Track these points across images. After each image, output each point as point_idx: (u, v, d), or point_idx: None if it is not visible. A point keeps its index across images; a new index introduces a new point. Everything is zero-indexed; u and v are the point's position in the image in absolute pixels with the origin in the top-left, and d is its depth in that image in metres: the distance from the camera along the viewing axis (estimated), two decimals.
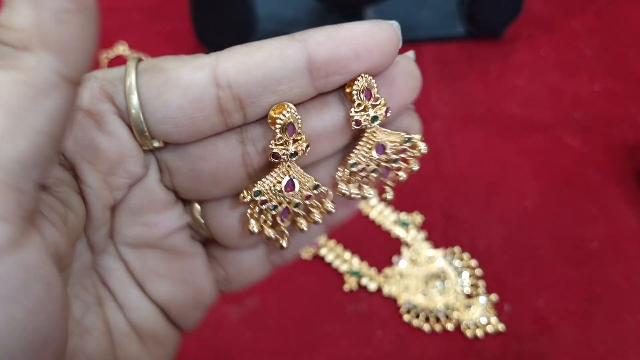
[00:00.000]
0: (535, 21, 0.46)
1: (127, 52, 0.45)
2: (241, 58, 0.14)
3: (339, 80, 0.14)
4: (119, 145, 0.14)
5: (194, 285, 0.17)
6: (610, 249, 0.32)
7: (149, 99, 0.13)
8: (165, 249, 0.16)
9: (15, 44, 0.10)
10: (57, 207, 0.13)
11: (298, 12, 0.46)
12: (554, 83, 0.42)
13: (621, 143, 0.38)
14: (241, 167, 0.15)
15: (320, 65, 0.14)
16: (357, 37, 0.14)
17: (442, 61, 0.43)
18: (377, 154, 0.16)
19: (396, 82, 0.15)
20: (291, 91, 0.14)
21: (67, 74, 0.11)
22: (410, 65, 0.15)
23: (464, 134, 0.39)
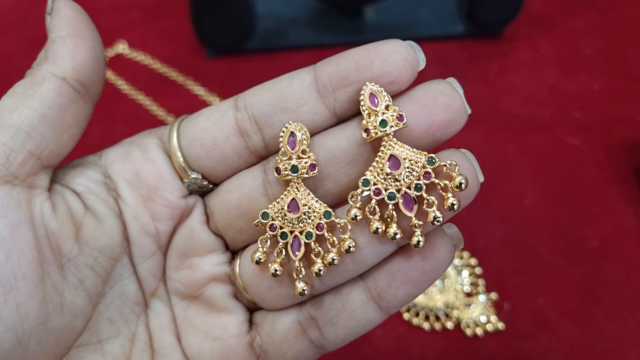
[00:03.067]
0: (535, 20, 0.46)
1: (127, 50, 0.46)
2: (257, 87, 0.16)
3: (346, 94, 0.15)
4: (156, 171, 0.16)
5: (223, 344, 0.17)
6: (609, 248, 0.32)
7: (184, 130, 0.16)
8: (205, 301, 0.17)
9: (35, 64, 0.16)
10: (74, 205, 0.15)
11: (298, 11, 0.46)
12: (554, 82, 0.42)
13: (621, 142, 0.38)
14: (263, 196, 0.16)
15: (324, 80, 0.15)
16: (357, 51, 0.15)
17: (442, 60, 0.43)
18: (391, 169, 0.14)
19: (420, 99, 0.15)
20: (300, 108, 0.15)
21: (57, 72, 0.15)
22: (441, 85, 0.15)
23: (463, 133, 0.39)
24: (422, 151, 0.14)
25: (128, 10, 0.49)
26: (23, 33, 0.48)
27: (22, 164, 0.14)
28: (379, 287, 0.15)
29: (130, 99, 0.42)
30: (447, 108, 0.15)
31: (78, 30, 0.15)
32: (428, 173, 0.14)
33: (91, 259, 0.15)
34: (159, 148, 0.16)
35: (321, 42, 0.44)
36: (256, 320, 0.17)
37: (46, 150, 0.15)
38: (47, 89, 0.15)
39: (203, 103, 0.42)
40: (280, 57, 0.44)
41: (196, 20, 0.41)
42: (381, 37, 0.53)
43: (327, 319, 0.16)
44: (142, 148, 0.16)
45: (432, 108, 0.15)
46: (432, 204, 0.14)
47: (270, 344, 0.16)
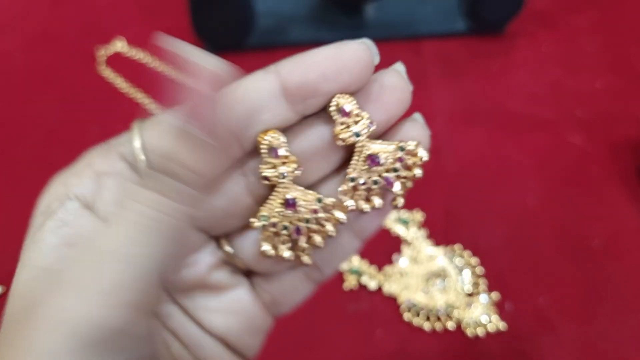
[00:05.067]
0: (537, 17, 0.45)
1: (125, 48, 0.45)
2: (224, 98, 0.15)
3: (316, 103, 0.15)
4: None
5: (245, 314, 0.18)
6: (612, 247, 0.32)
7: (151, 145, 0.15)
8: (210, 287, 0.18)
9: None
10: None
11: (297, 8, 0.46)
12: (556, 80, 0.41)
13: (623, 140, 0.37)
14: (248, 197, 0.17)
15: (293, 91, 0.15)
16: (323, 60, 0.15)
17: (444, 58, 0.43)
18: (372, 166, 0.16)
19: (380, 97, 0.16)
20: (274, 119, 0.15)
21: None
22: (393, 78, 0.16)
23: (465, 131, 0.39)
24: (390, 142, 0.17)
25: (126, 7, 0.48)
26: (21, 30, 0.47)
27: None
28: (362, 226, 0.18)
29: (129, 97, 0.42)
30: (401, 102, 0.16)
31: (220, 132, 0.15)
32: (401, 159, 0.17)
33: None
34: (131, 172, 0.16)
35: (321, 39, 0.44)
36: (259, 282, 0.19)
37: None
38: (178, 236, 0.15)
39: None
40: (280, 54, 0.44)
41: (194, 17, 0.41)
42: (382, 34, 0.52)
43: (325, 261, 0.18)
44: (106, 176, 0.16)
45: (390, 105, 0.16)
46: (404, 176, 0.17)
47: (281, 296, 0.18)
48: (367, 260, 0.32)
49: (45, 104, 0.42)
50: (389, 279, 0.31)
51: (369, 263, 0.32)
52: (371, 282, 0.31)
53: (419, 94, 0.41)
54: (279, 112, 0.15)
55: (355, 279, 0.31)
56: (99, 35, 0.46)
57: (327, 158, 0.17)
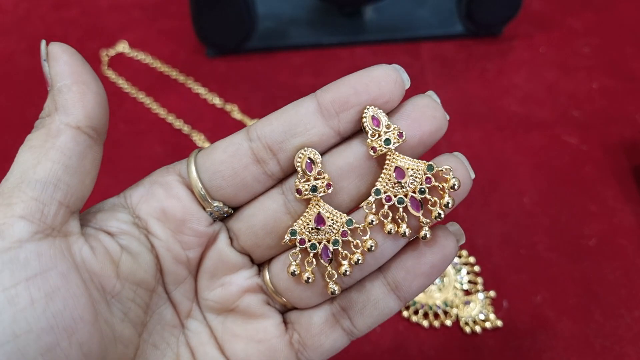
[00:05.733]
0: (534, 19, 0.46)
1: (128, 50, 0.46)
2: (266, 118, 0.17)
3: (348, 116, 0.17)
4: (182, 205, 0.18)
5: (268, 346, 0.19)
6: (608, 246, 0.33)
7: (201, 163, 0.18)
8: (241, 312, 0.19)
9: (44, 115, 0.16)
10: (110, 246, 0.17)
11: (298, 10, 0.46)
12: (553, 81, 0.42)
13: (619, 141, 0.38)
14: (286, 214, 0.18)
15: (327, 106, 0.17)
16: (353, 78, 0.17)
17: (441, 59, 0.43)
18: (397, 179, 0.17)
19: (411, 114, 0.17)
20: (309, 131, 0.17)
21: (70, 122, 0.16)
22: (426, 99, 0.17)
23: (462, 132, 0.39)
24: (420, 160, 0.17)
25: (129, 9, 0.49)
26: (24, 32, 0.48)
27: (55, 215, 0.15)
28: (396, 281, 0.18)
29: (131, 98, 0.43)
30: (433, 119, 0.17)
31: (80, 76, 0.16)
32: (429, 178, 0.17)
33: (131, 293, 0.17)
34: (180, 183, 0.18)
35: (321, 42, 0.44)
36: (291, 319, 0.19)
37: (73, 198, 0.16)
38: (64, 139, 0.16)
39: (204, 102, 0.42)
40: (280, 57, 0.44)
41: (196, 21, 0.41)
42: (381, 37, 0.53)
43: (355, 310, 0.18)
44: (165, 186, 0.18)
45: (421, 121, 0.17)
46: (435, 203, 0.17)
47: (309, 337, 0.19)
48: None
49: None
50: None
51: None
52: None
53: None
54: (314, 126, 0.17)
55: None
56: (102, 37, 0.47)
57: (362, 177, 0.17)
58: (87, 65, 0.17)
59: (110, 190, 0.37)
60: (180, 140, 0.40)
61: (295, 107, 0.17)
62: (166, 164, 0.43)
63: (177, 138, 0.40)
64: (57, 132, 0.16)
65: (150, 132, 0.40)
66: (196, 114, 0.41)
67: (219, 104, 0.42)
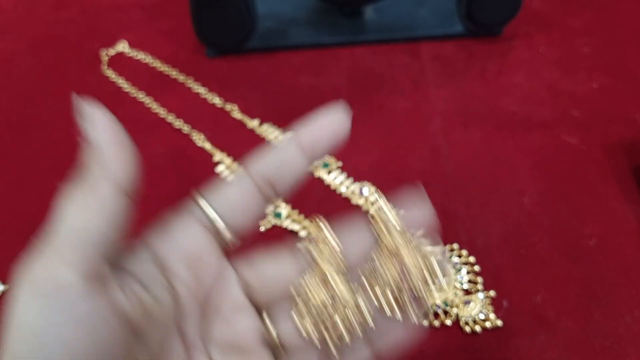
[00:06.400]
0: (534, 19, 0.46)
1: (128, 49, 0.46)
2: (259, 157, 0.20)
3: (320, 149, 0.20)
4: (198, 243, 0.19)
5: None
6: (607, 246, 0.33)
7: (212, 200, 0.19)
8: (241, 349, 0.20)
9: (84, 170, 0.18)
10: (135, 287, 0.18)
11: (298, 10, 0.46)
12: (552, 81, 0.42)
13: (619, 141, 0.38)
14: (295, 273, 0.20)
15: (304, 143, 0.20)
16: (323, 119, 0.20)
17: (441, 59, 0.44)
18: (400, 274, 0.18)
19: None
20: (294, 162, 0.20)
21: (109, 180, 0.17)
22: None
23: (462, 131, 0.39)
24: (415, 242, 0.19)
25: (129, 9, 0.49)
26: (24, 32, 0.48)
27: (98, 265, 0.17)
28: (381, 350, 0.20)
29: (131, 98, 0.43)
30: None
31: (118, 137, 0.18)
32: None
33: (154, 332, 0.18)
34: (195, 221, 0.19)
35: (321, 42, 0.44)
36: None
37: (111, 249, 0.17)
38: (106, 196, 0.17)
39: (203, 102, 0.42)
40: (281, 57, 0.44)
41: (196, 21, 0.41)
42: (381, 36, 0.53)
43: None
44: (180, 225, 0.19)
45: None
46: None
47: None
48: None
49: (49, 104, 0.42)
50: None
51: None
52: None
53: (417, 94, 0.41)
54: (296, 159, 0.20)
55: None
56: (101, 37, 0.47)
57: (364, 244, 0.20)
58: (118, 124, 0.19)
59: None
60: (180, 140, 0.40)
61: (282, 147, 0.20)
62: (166, 163, 0.43)
63: (176, 138, 0.40)
64: (99, 190, 0.17)
65: (150, 132, 0.40)
66: (196, 114, 0.41)
67: (219, 103, 0.42)
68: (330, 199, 0.36)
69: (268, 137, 0.40)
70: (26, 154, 0.40)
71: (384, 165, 0.37)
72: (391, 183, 0.37)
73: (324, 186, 0.37)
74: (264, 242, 0.34)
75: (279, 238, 0.34)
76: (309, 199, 0.36)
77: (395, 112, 0.40)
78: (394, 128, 0.39)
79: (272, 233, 0.35)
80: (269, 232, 0.35)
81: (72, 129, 0.41)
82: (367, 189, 0.36)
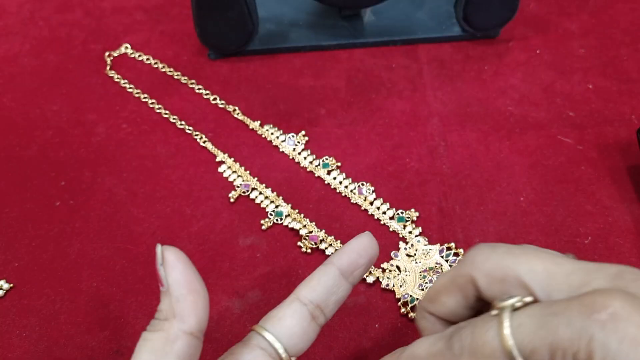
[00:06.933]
0: (530, 21, 0.46)
1: (131, 51, 0.46)
2: (308, 286, 0.23)
3: (359, 273, 0.23)
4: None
5: None
6: (603, 245, 0.33)
7: (273, 330, 0.22)
8: None
9: (161, 317, 0.19)
10: None
11: (298, 13, 0.47)
12: (549, 82, 0.43)
13: (614, 141, 0.38)
14: None
15: (344, 268, 0.23)
16: (353, 245, 0.23)
17: (439, 61, 0.44)
18: None
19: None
20: (339, 289, 0.22)
21: (186, 329, 0.19)
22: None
23: (459, 132, 0.40)
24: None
25: (132, 11, 0.50)
26: (28, 34, 0.49)
27: None
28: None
29: (134, 98, 0.43)
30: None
31: (194, 285, 0.19)
32: None
33: None
34: (261, 351, 0.21)
35: (321, 44, 0.45)
36: None
37: None
38: (181, 345, 0.19)
39: (206, 103, 0.43)
40: (281, 59, 0.45)
41: (199, 23, 0.42)
42: (380, 39, 0.53)
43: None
44: (248, 357, 0.21)
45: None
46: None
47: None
48: None
49: (53, 106, 0.43)
50: (386, 275, 0.32)
51: None
52: (369, 277, 0.32)
53: (415, 96, 0.42)
54: (341, 285, 0.23)
55: None
56: (105, 39, 0.47)
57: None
58: (196, 272, 0.20)
59: (114, 188, 0.38)
60: (183, 141, 0.40)
61: (326, 274, 0.23)
62: (168, 163, 0.43)
63: (179, 138, 0.40)
64: (174, 338, 0.19)
65: (153, 132, 0.41)
66: (198, 115, 0.42)
67: (221, 105, 0.42)
68: (329, 198, 0.37)
69: (269, 137, 0.40)
70: (30, 155, 0.40)
71: (383, 165, 0.38)
72: (389, 182, 0.37)
73: (324, 185, 0.37)
74: (265, 241, 0.35)
75: (280, 236, 0.35)
76: (309, 198, 0.37)
77: (394, 113, 0.41)
78: (392, 129, 0.40)
79: (273, 231, 0.35)
80: (270, 231, 0.35)
81: (77, 129, 0.42)
82: (365, 189, 0.37)
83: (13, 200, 0.37)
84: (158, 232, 0.35)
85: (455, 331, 0.17)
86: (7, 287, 0.33)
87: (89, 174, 0.38)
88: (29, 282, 0.33)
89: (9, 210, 0.37)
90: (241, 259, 0.34)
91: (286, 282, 0.33)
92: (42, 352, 0.31)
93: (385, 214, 0.35)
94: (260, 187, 0.37)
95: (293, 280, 0.33)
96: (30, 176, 0.39)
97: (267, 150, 0.39)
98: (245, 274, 0.33)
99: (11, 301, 0.33)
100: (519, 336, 0.15)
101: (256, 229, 0.35)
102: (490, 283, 0.17)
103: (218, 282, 0.33)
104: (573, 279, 0.16)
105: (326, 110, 0.41)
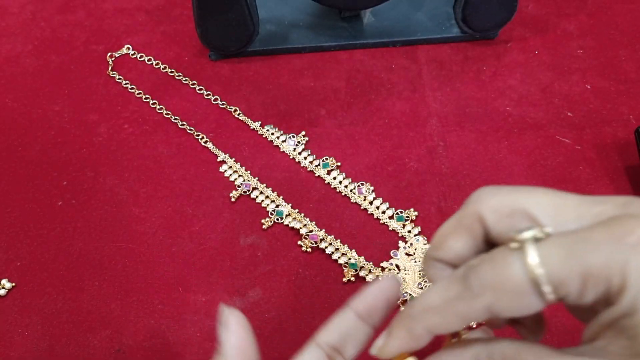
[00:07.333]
0: (529, 22, 0.47)
1: (132, 52, 0.47)
2: (325, 329, 0.21)
3: (379, 316, 0.21)
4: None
5: None
6: None
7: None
8: None
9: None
10: None
11: (298, 14, 0.47)
12: (547, 82, 0.43)
13: (612, 141, 0.39)
14: None
15: (361, 311, 0.21)
16: (376, 287, 0.21)
17: (438, 62, 0.44)
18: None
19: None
20: (358, 331, 0.21)
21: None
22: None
23: (458, 132, 0.40)
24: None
25: (134, 12, 0.50)
26: (30, 35, 0.49)
27: None
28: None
29: (136, 99, 0.44)
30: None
31: (245, 353, 0.19)
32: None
33: None
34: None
35: (321, 45, 0.45)
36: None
37: None
38: None
39: (207, 104, 0.43)
40: (282, 59, 0.45)
41: (200, 24, 0.42)
42: (379, 40, 0.54)
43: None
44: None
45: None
46: None
47: None
48: (364, 257, 0.34)
49: (55, 106, 0.43)
50: (386, 273, 0.33)
51: (367, 259, 0.34)
52: (369, 276, 0.33)
53: (415, 96, 0.42)
54: (362, 331, 0.21)
55: (353, 272, 0.33)
56: (107, 40, 0.48)
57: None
58: (254, 341, 0.20)
59: (115, 188, 0.38)
60: (184, 141, 0.41)
61: (341, 317, 0.21)
62: (169, 163, 0.43)
63: (180, 138, 0.41)
64: None
65: (154, 133, 0.41)
66: (199, 115, 0.42)
67: (222, 105, 0.43)
68: (329, 197, 0.37)
69: (269, 138, 0.40)
70: (32, 155, 0.40)
71: (382, 165, 0.38)
72: (389, 182, 0.37)
73: (324, 185, 0.37)
74: (266, 240, 0.35)
75: (280, 235, 0.35)
76: (309, 198, 0.37)
77: (393, 114, 0.41)
78: (392, 129, 0.40)
79: (274, 230, 0.35)
80: (271, 230, 0.35)
81: (79, 129, 0.42)
82: (365, 188, 0.37)
83: (15, 200, 0.38)
84: (159, 232, 0.35)
85: (469, 270, 0.16)
86: (10, 286, 0.33)
87: (90, 174, 0.39)
88: (31, 281, 0.34)
89: (11, 210, 0.37)
90: (242, 258, 0.34)
91: (287, 281, 0.33)
92: (44, 350, 0.31)
93: (384, 214, 0.36)
94: (260, 186, 0.37)
95: (293, 279, 0.33)
96: (32, 176, 0.39)
97: (267, 150, 0.40)
98: (246, 272, 0.33)
99: (13, 300, 0.33)
100: (547, 267, 0.14)
101: (257, 228, 0.35)
102: (498, 219, 0.16)
103: (219, 281, 0.33)
104: (582, 210, 0.15)
105: (326, 111, 0.41)
